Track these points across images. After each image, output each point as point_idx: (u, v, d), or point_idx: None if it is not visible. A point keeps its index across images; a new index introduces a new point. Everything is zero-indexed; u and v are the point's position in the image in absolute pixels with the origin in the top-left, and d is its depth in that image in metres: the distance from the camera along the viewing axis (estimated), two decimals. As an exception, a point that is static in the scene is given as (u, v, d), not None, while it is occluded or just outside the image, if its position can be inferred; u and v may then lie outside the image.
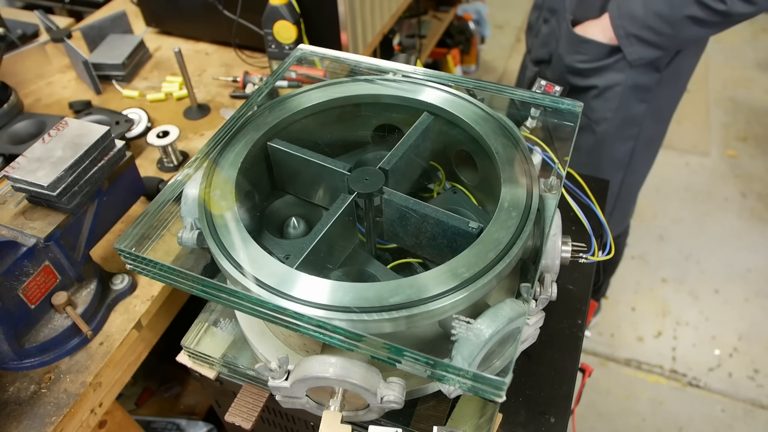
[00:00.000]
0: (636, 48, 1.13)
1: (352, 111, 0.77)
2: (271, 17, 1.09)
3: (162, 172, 0.98)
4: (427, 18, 2.19)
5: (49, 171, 0.63)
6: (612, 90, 1.20)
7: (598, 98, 1.23)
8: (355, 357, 0.54)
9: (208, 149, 0.68)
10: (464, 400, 0.66)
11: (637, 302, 1.92)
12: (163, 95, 1.16)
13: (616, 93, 1.20)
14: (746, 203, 2.23)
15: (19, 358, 0.68)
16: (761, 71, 2.88)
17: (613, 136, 1.27)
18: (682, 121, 2.59)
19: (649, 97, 1.22)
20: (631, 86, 1.19)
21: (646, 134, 1.29)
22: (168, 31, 1.37)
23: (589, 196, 0.80)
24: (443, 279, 0.53)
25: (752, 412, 1.65)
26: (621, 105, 1.22)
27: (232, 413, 0.67)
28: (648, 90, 1.21)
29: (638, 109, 1.23)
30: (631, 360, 1.78)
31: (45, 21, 1.22)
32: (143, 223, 0.59)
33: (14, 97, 1.07)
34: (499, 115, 0.71)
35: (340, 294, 0.52)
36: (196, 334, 0.72)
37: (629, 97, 1.21)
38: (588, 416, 1.65)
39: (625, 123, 1.25)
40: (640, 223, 2.17)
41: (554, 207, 0.62)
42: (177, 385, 1.26)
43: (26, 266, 0.65)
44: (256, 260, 0.56)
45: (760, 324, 1.84)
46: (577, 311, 0.80)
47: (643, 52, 1.13)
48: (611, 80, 1.19)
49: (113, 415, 0.78)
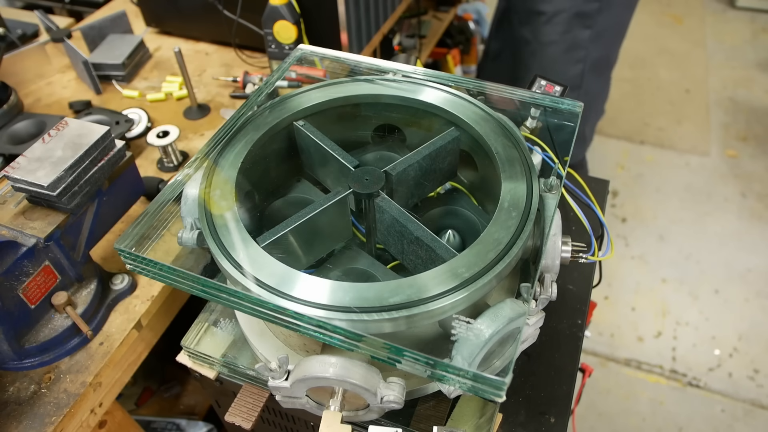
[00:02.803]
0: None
1: (352, 111, 0.77)
2: (271, 17, 1.09)
3: (162, 172, 0.99)
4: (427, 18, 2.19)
5: (49, 171, 0.63)
6: (558, 15, 1.40)
7: (547, 23, 1.43)
8: (355, 357, 0.54)
9: (208, 149, 0.68)
10: (464, 400, 0.66)
11: (637, 302, 1.92)
12: (163, 95, 1.16)
13: (563, 18, 1.40)
14: (746, 203, 2.23)
15: (19, 358, 0.68)
16: (761, 71, 2.88)
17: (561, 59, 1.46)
18: (682, 121, 2.59)
19: (592, 23, 1.40)
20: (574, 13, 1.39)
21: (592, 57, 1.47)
22: (168, 31, 1.37)
23: (589, 196, 0.80)
24: (443, 279, 0.53)
25: (752, 412, 1.65)
26: (567, 29, 1.42)
27: (232, 413, 0.67)
28: (589, 16, 1.39)
29: (583, 34, 1.42)
30: (631, 360, 1.78)
31: (45, 21, 1.22)
32: (143, 223, 0.59)
33: (14, 97, 1.07)
34: (499, 115, 0.71)
35: (340, 294, 0.52)
36: (196, 334, 0.72)
37: (574, 23, 1.40)
38: (588, 416, 1.65)
39: (573, 47, 1.44)
40: (640, 223, 2.17)
41: (554, 207, 0.62)
42: (177, 385, 1.26)
43: (26, 266, 0.65)
44: (256, 260, 0.56)
45: (760, 324, 1.84)
46: (577, 311, 0.80)
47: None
48: (558, 6, 1.39)
49: (113, 415, 0.78)
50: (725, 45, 3.07)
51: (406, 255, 0.64)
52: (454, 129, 0.70)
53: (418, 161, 0.66)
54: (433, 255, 0.59)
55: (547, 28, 1.43)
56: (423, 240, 0.59)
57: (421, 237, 0.59)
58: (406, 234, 0.61)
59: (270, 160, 0.74)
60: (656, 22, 3.22)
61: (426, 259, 0.60)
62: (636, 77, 2.77)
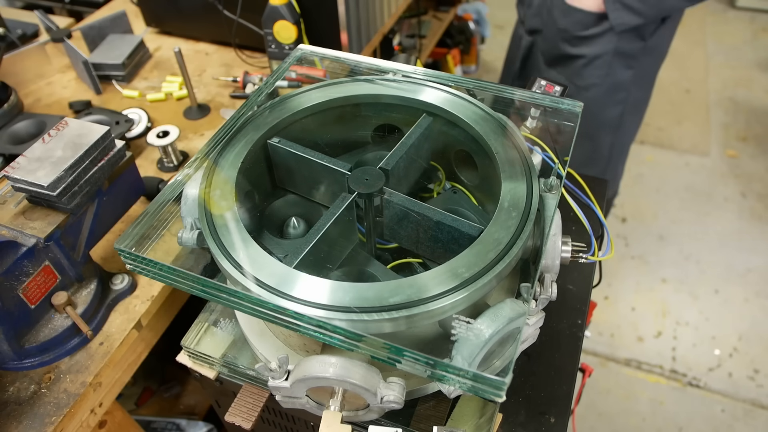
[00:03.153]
0: (621, 14, 1.22)
1: (352, 111, 0.77)
2: (271, 17, 1.09)
3: (162, 172, 0.98)
4: (427, 18, 2.19)
5: (49, 171, 0.63)
6: (600, 58, 1.31)
7: (587, 66, 1.33)
8: (355, 357, 0.54)
9: (208, 149, 0.68)
10: (464, 400, 0.66)
11: (637, 302, 1.92)
12: (163, 95, 1.16)
13: (604, 61, 1.31)
14: (746, 203, 2.23)
15: (19, 358, 0.68)
16: (761, 71, 2.88)
17: (602, 102, 1.38)
18: (682, 121, 2.59)
19: (635, 64, 1.33)
20: (617, 54, 1.30)
21: (633, 98, 1.40)
22: (168, 31, 1.37)
23: (589, 196, 0.80)
24: (443, 279, 0.53)
25: (752, 412, 1.65)
26: (608, 72, 1.33)
27: (232, 413, 0.67)
28: (633, 57, 1.31)
29: (625, 75, 1.34)
30: (631, 360, 1.78)
31: (45, 21, 1.22)
32: (143, 223, 0.59)
33: (14, 97, 1.07)
34: (499, 115, 0.71)
35: (340, 294, 0.52)
36: (196, 334, 0.72)
37: (616, 64, 1.32)
38: (588, 416, 1.65)
39: (613, 88, 1.36)
40: (640, 223, 2.17)
41: (554, 207, 0.62)
42: (177, 385, 1.26)
43: (26, 266, 0.65)
44: (256, 260, 0.56)
45: (760, 324, 1.84)
46: (577, 311, 0.80)
47: (627, 18, 1.22)
48: (599, 48, 1.29)
49: (113, 415, 0.78)
50: (725, 45, 3.07)
51: (422, 243, 0.64)
52: (425, 115, 0.73)
53: (405, 152, 0.68)
54: (456, 234, 0.60)
55: (586, 71, 1.34)
56: (444, 222, 0.60)
57: (441, 220, 0.60)
58: (422, 222, 0.62)
59: (270, 161, 0.73)
60: (656, 22, 3.21)
61: (447, 241, 0.62)
62: (636, 77, 2.77)
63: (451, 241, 0.62)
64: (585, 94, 1.36)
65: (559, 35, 1.33)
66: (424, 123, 0.72)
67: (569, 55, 1.34)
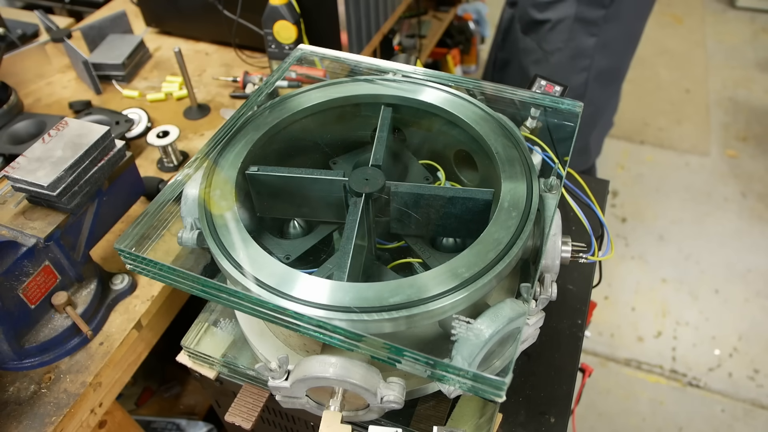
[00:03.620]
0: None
1: (352, 111, 0.77)
2: (271, 17, 1.09)
3: (162, 172, 0.98)
4: (427, 18, 2.19)
5: (49, 171, 0.63)
6: (562, 22, 1.39)
7: (551, 30, 1.41)
8: (355, 357, 0.54)
9: (208, 149, 0.68)
10: (464, 400, 0.66)
11: (637, 302, 1.92)
12: (163, 95, 1.16)
13: (566, 25, 1.39)
14: (746, 203, 2.23)
15: (19, 358, 0.68)
16: (761, 71, 2.88)
17: (566, 67, 1.44)
18: (682, 121, 2.59)
19: (597, 31, 1.39)
20: (578, 19, 1.38)
21: (597, 66, 1.45)
22: (168, 31, 1.37)
23: (589, 196, 0.80)
24: (443, 279, 0.53)
25: (752, 412, 1.65)
26: (570, 36, 1.40)
27: (232, 413, 0.67)
28: (595, 24, 1.38)
29: (588, 42, 1.40)
30: (631, 360, 1.78)
31: (45, 21, 1.22)
32: (143, 223, 0.59)
33: (14, 97, 1.07)
34: (499, 115, 0.71)
35: (340, 294, 0.52)
36: (196, 334, 0.72)
37: (578, 29, 1.39)
38: (588, 416, 1.65)
39: (577, 54, 1.42)
40: (640, 223, 2.17)
41: (554, 207, 0.62)
42: (177, 385, 1.26)
43: (26, 266, 0.65)
44: (256, 260, 0.56)
45: (760, 324, 1.84)
46: (577, 311, 0.80)
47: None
48: (561, 13, 1.38)
49: (113, 415, 0.78)
50: (725, 45, 3.07)
51: (433, 223, 0.66)
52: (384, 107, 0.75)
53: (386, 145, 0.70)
54: (470, 204, 0.62)
55: (551, 36, 1.42)
56: (457, 196, 0.62)
57: (454, 195, 0.62)
58: (434, 202, 0.63)
59: (270, 160, 0.73)
60: (656, 22, 3.22)
61: (461, 213, 0.64)
62: (636, 77, 2.77)
63: (465, 212, 0.64)
64: (551, 58, 1.44)
65: (530, 1, 1.43)
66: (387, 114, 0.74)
67: (537, 21, 1.43)
